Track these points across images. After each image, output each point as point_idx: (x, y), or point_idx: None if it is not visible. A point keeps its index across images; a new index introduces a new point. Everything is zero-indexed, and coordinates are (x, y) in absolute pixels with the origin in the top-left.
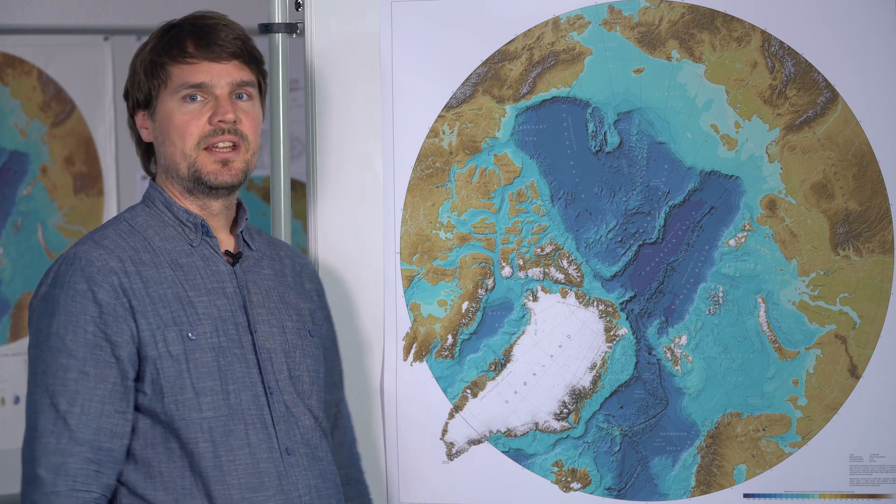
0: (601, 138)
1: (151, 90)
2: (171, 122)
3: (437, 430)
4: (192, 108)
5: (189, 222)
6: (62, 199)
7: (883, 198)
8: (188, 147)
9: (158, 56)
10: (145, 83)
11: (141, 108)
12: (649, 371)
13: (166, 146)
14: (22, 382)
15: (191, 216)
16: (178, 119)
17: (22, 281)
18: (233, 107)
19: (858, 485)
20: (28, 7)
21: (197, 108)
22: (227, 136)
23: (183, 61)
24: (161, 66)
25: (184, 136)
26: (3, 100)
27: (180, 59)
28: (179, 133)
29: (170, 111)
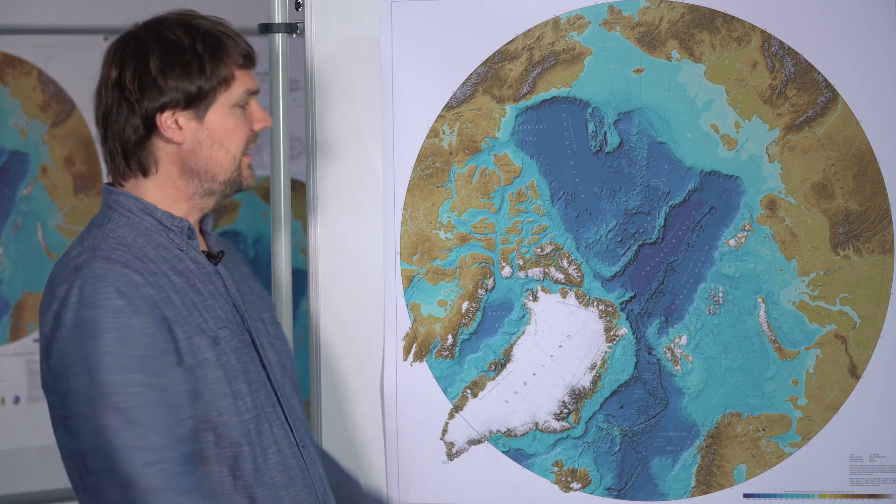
0: (601, 138)
1: (207, 90)
2: (227, 127)
3: (437, 430)
4: (240, 114)
5: (174, 226)
6: (62, 199)
7: (883, 198)
8: (238, 152)
9: (219, 57)
10: (199, 81)
11: (173, 107)
12: (649, 371)
13: (214, 150)
14: (22, 383)
15: (175, 220)
16: (234, 124)
17: (22, 281)
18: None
19: (858, 485)
20: (28, 7)
21: (241, 113)
22: (256, 142)
23: (243, 67)
24: (224, 66)
25: (237, 141)
26: (3, 100)
27: (240, 65)
28: (233, 138)
29: (227, 115)
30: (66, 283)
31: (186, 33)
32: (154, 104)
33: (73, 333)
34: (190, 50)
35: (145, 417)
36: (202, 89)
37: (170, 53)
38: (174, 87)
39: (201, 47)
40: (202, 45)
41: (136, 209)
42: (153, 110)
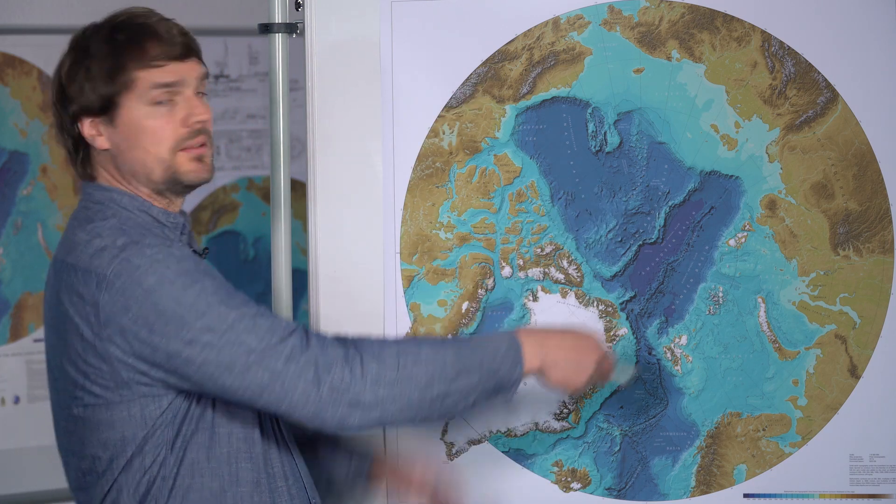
0: (601, 138)
1: (112, 96)
2: (143, 128)
3: (437, 430)
4: (162, 112)
5: (169, 222)
6: (62, 199)
7: (883, 198)
8: (164, 152)
9: (118, 61)
10: (103, 88)
11: (91, 114)
12: (649, 371)
13: (136, 152)
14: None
15: (170, 216)
16: (150, 124)
17: (22, 281)
18: (204, 106)
19: (858, 485)
20: (28, 7)
21: (167, 110)
22: (200, 136)
23: (149, 65)
24: (123, 70)
25: (159, 140)
26: (3, 100)
27: (146, 63)
28: (154, 138)
29: (139, 116)
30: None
31: (102, 37)
32: (69, 113)
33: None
34: (96, 55)
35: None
36: (106, 94)
37: (75, 63)
38: (80, 95)
39: (107, 51)
40: (110, 47)
41: (132, 206)
42: (70, 119)
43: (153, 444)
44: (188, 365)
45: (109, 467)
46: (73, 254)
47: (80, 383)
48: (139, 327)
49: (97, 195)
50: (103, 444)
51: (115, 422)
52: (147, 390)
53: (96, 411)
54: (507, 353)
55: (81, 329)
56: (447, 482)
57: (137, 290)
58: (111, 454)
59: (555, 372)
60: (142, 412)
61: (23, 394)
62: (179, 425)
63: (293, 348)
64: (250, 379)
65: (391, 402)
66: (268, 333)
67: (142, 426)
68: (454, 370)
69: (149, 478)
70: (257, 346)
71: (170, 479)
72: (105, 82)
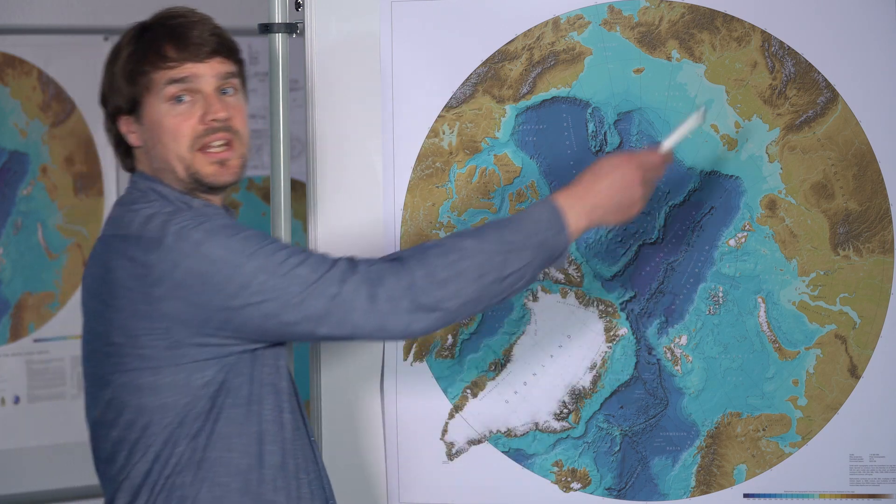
0: (601, 138)
1: (135, 96)
2: (162, 125)
3: (437, 430)
4: (181, 110)
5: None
6: (62, 199)
7: (883, 198)
8: (182, 149)
9: (138, 64)
10: (126, 90)
11: (124, 113)
12: (649, 371)
13: (159, 149)
14: (22, 383)
15: (210, 207)
16: (168, 121)
17: (22, 281)
18: (223, 104)
19: (858, 485)
20: (28, 7)
21: (186, 108)
22: (220, 134)
23: (164, 66)
24: (142, 73)
25: (177, 137)
26: (3, 100)
27: (161, 65)
28: (172, 135)
29: (159, 114)
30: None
31: (130, 39)
32: (111, 110)
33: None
34: (122, 57)
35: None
36: (131, 94)
37: (108, 65)
38: (113, 95)
39: (132, 52)
40: (134, 49)
41: (172, 196)
42: (109, 118)
43: (191, 415)
44: (245, 309)
45: (143, 434)
46: (121, 227)
47: (129, 347)
48: (192, 281)
49: (141, 184)
50: (140, 410)
51: (159, 387)
52: (197, 353)
53: (141, 375)
54: (550, 222)
55: (134, 291)
56: None
57: (186, 246)
58: (147, 421)
59: (608, 218)
60: (186, 379)
61: (23, 394)
62: (214, 397)
63: (343, 272)
64: (310, 308)
65: (449, 299)
66: (317, 263)
67: (184, 394)
68: (502, 254)
69: (181, 448)
70: (310, 276)
71: (200, 450)
72: (128, 83)
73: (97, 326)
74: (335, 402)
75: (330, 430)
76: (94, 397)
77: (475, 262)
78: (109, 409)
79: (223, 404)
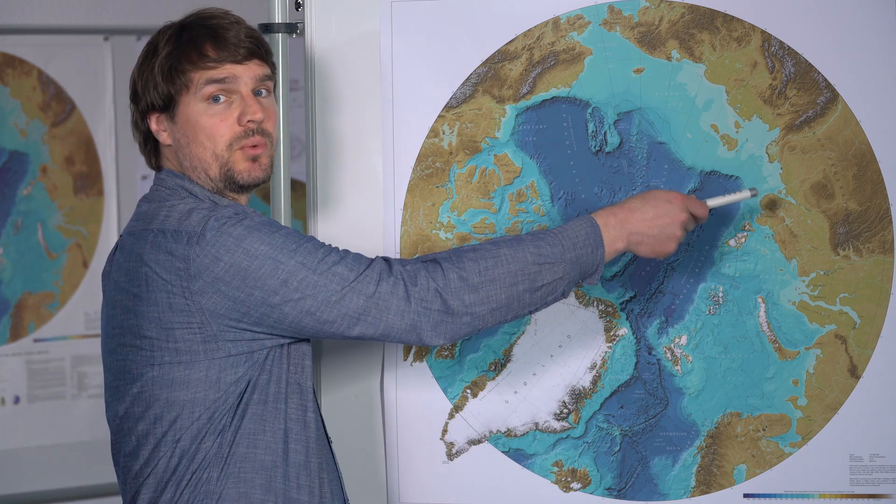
0: (601, 138)
1: (172, 94)
2: (199, 125)
3: (437, 430)
4: (218, 110)
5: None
6: (62, 199)
7: (883, 198)
8: (220, 148)
9: (178, 62)
10: (164, 87)
11: (156, 110)
12: (649, 371)
13: (193, 148)
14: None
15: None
16: (206, 121)
17: (22, 281)
18: (259, 105)
19: (858, 485)
20: (28, 7)
21: (223, 108)
22: (256, 136)
23: (205, 66)
24: (182, 72)
25: (214, 137)
26: (3, 100)
27: (201, 65)
28: (209, 135)
29: (196, 113)
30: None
31: (168, 37)
32: (139, 108)
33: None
34: (160, 55)
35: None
36: (167, 92)
37: (144, 61)
38: (146, 92)
39: (170, 51)
40: (173, 47)
41: (201, 194)
42: (140, 114)
43: (220, 411)
44: (284, 305)
45: (171, 428)
46: (155, 221)
47: (163, 340)
48: (232, 276)
49: (169, 181)
50: (170, 404)
51: (191, 382)
52: (231, 347)
53: (173, 369)
54: (587, 239)
55: (171, 285)
56: None
57: (228, 240)
58: (175, 415)
59: (642, 247)
60: (218, 375)
61: (23, 394)
62: (242, 394)
63: (381, 271)
64: (347, 306)
65: (479, 304)
66: (355, 262)
67: (214, 389)
68: (536, 265)
69: (208, 444)
70: (348, 275)
71: (226, 446)
72: (165, 81)
73: (126, 320)
74: (335, 402)
75: (330, 430)
76: (118, 392)
77: (509, 269)
78: (137, 404)
79: (250, 401)
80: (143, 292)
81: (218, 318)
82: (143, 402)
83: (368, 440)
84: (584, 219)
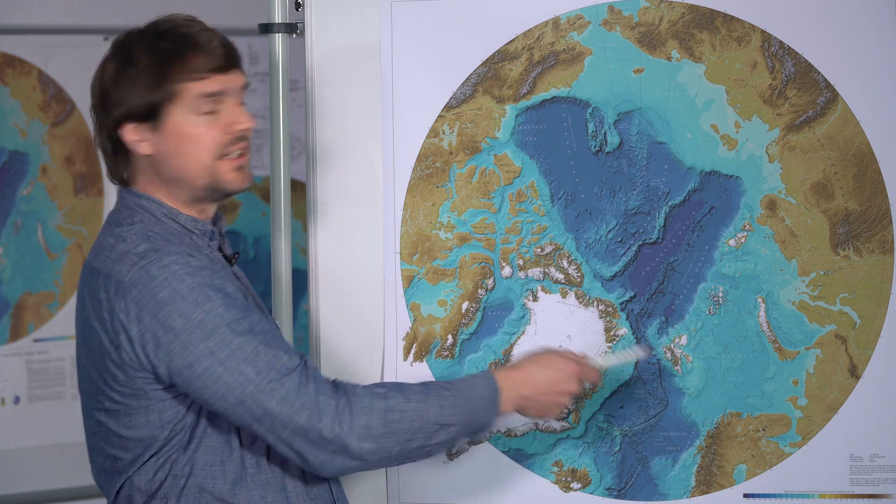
0: (601, 138)
1: (157, 105)
2: (188, 135)
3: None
4: (207, 120)
5: (197, 229)
6: (62, 199)
7: (883, 198)
8: (208, 159)
9: (162, 73)
10: (146, 96)
11: (134, 120)
12: (649, 371)
13: (179, 159)
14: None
15: (198, 223)
16: (196, 131)
17: (22, 281)
18: (245, 114)
19: (858, 485)
20: (28, 7)
21: (211, 119)
22: (241, 143)
23: (192, 77)
24: (167, 81)
25: (205, 148)
26: (3, 100)
27: (189, 76)
28: (199, 145)
29: (185, 124)
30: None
31: (146, 46)
32: (111, 118)
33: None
34: (140, 63)
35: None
36: (151, 102)
37: (122, 68)
38: (124, 101)
39: (151, 60)
40: (154, 57)
41: (159, 213)
42: (112, 124)
43: (169, 446)
44: (189, 384)
45: (131, 465)
46: (98, 258)
47: (102, 388)
48: (147, 340)
49: (129, 200)
50: (124, 447)
51: (135, 426)
52: (163, 395)
53: (117, 416)
54: (487, 403)
55: (100, 334)
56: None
57: (151, 302)
58: (132, 455)
59: (529, 411)
60: (160, 417)
61: (23, 394)
62: (193, 428)
63: (289, 390)
64: (244, 410)
65: (373, 453)
66: (266, 368)
67: (160, 429)
68: (436, 426)
69: (161, 475)
70: (255, 379)
71: (181, 477)
72: (150, 90)
73: (80, 359)
74: None
75: None
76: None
77: (410, 426)
78: (97, 439)
79: (201, 433)
80: (87, 335)
81: (136, 373)
82: (102, 440)
83: None
84: (486, 379)
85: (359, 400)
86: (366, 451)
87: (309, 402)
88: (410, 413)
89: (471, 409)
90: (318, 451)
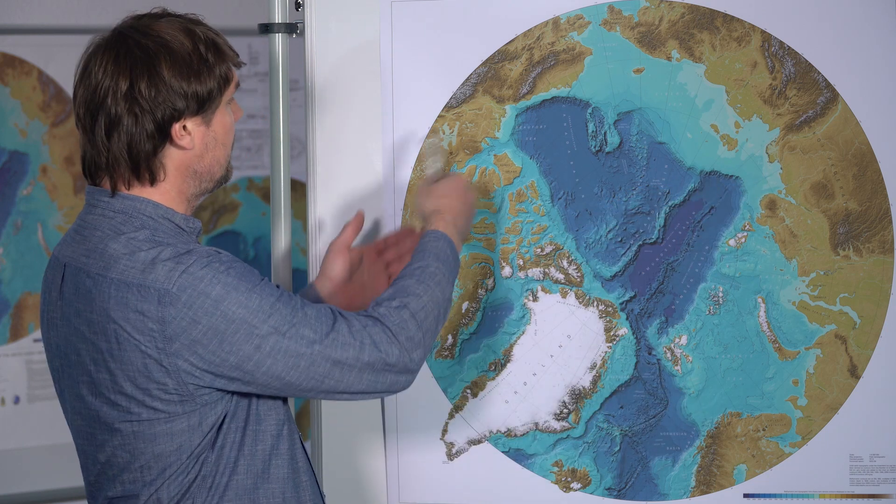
0: (601, 138)
1: (217, 93)
2: (227, 126)
3: (437, 430)
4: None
5: (189, 228)
6: (62, 199)
7: (883, 198)
8: (231, 148)
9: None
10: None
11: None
12: (649, 371)
13: (216, 150)
14: (22, 383)
15: (190, 221)
16: (230, 121)
17: (22, 281)
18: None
19: (858, 485)
20: (28, 7)
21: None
22: None
23: (236, 64)
24: (225, 65)
25: (232, 137)
26: (3, 100)
27: (235, 63)
28: (231, 135)
29: (224, 114)
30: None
31: (186, 36)
32: (169, 113)
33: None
34: (195, 54)
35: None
36: (212, 93)
37: (180, 60)
38: (188, 94)
39: (203, 49)
40: (203, 47)
41: (155, 215)
42: (169, 119)
43: (201, 448)
44: (257, 368)
45: (160, 476)
46: (114, 269)
47: (139, 399)
48: (210, 338)
49: (116, 204)
50: (157, 457)
51: (175, 433)
52: (208, 398)
53: (154, 425)
54: (453, 255)
55: (143, 346)
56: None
57: (206, 302)
58: (163, 466)
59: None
60: (200, 421)
61: (23, 394)
62: (220, 425)
63: (345, 336)
64: (315, 370)
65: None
66: (318, 324)
67: (199, 434)
68: (445, 301)
69: (191, 478)
70: (315, 338)
71: (209, 477)
72: (213, 79)
73: (97, 372)
74: (335, 402)
75: (330, 431)
76: (94, 439)
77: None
78: (119, 455)
79: (227, 430)
80: (115, 350)
81: (194, 378)
82: (127, 454)
83: (368, 440)
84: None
85: (391, 320)
86: (417, 359)
87: (364, 338)
88: (428, 305)
89: (451, 269)
90: (386, 377)
